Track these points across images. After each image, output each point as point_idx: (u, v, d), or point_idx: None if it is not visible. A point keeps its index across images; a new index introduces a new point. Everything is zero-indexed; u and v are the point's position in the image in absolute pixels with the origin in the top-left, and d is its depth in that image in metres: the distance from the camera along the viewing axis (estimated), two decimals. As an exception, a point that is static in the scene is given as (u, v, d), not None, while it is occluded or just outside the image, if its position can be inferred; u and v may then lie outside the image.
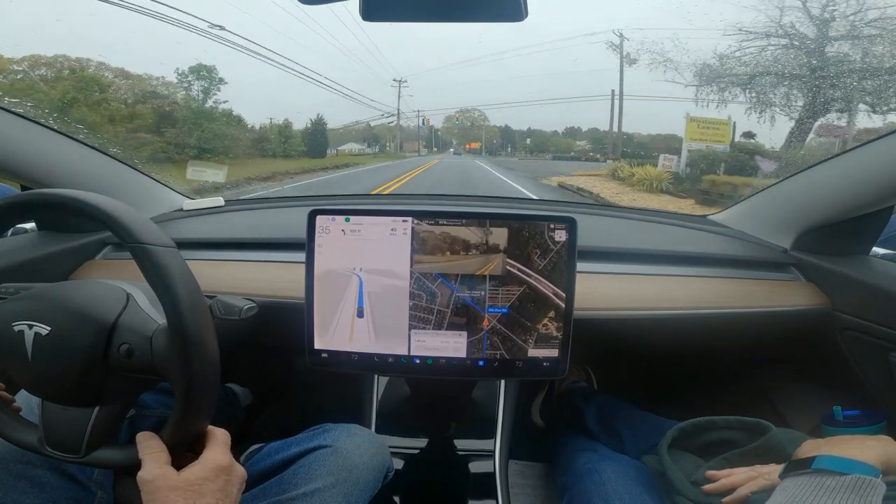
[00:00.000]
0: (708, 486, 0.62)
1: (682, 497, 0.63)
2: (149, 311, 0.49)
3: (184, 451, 0.46)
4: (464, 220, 0.72)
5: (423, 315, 0.74)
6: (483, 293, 0.73)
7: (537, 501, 1.00)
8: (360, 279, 0.74)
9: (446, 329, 0.74)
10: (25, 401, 0.57)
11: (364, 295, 0.74)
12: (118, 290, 0.50)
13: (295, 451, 0.63)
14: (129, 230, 0.43)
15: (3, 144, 0.77)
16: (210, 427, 0.48)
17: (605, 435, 0.90)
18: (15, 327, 0.45)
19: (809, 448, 0.51)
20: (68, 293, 0.47)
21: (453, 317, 0.74)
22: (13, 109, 0.78)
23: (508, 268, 0.73)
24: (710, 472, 0.64)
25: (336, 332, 0.75)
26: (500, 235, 0.72)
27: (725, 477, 0.62)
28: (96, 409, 0.47)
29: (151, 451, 0.43)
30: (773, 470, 0.58)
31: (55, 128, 0.85)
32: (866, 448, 0.49)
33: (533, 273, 0.73)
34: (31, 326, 0.44)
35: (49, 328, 0.44)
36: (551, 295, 0.73)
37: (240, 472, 0.46)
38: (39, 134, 0.83)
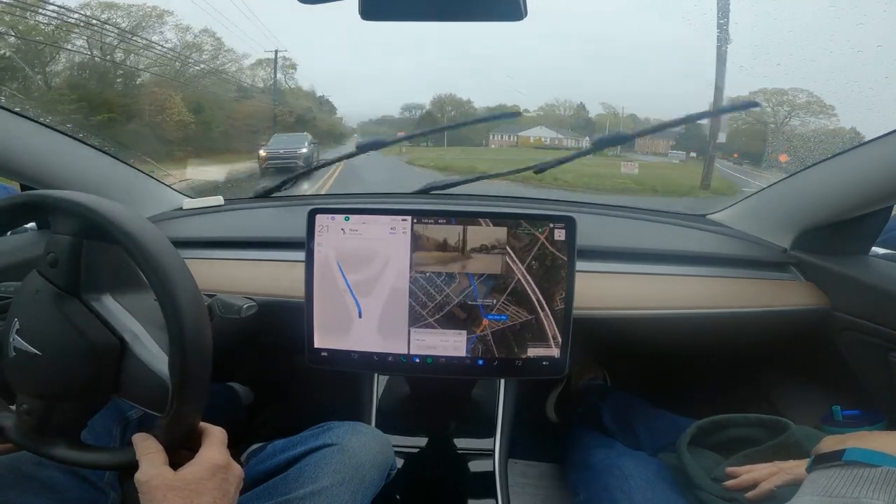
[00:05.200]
0: (730, 482, 0.62)
1: (705, 493, 0.64)
2: None
3: (180, 450, 0.46)
4: (463, 219, 0.72)
5: (422, 314, 0.74)
6: (483, 293, 0.73)
7: (538, 500, 1.00)
8: (360, 278, 0.74)
9: (446, 328, 0.74)
10: None
11: (363, 294, 0.74)
12: None
13: (300, 449, 0.63)
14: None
15: (4, 144, 0.77)
16: (206, 425, 0.47)
17: (621, 432, 0.91)
18: (12, 352, 0.46)
19: (833, 443, 0.51)
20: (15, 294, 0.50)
21: (453, 316, 0.74)
22: (13, 109, 0.78)
23: (507, 267, 0.73)
24: (731, 469, 0.64)
25: (336, 331, 0.75)
26: (499, 234, 0.72)
27: (746, 472, 0.62)
28: (129, 346, 0.46)
29: (147, 452, 0.43)
30: (795, 465, 0.59)
31: (55, 127, 0.85)
32: (893, 441, 0.49)
33: (532, 272, 0.73)
34: (13, 337, 0.46)
35: (16, 318, 0.46)
36: (551, 294, 0.73)
37: (237, 470, 0.46)
38: (39, 133, 0.83)
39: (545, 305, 0.74)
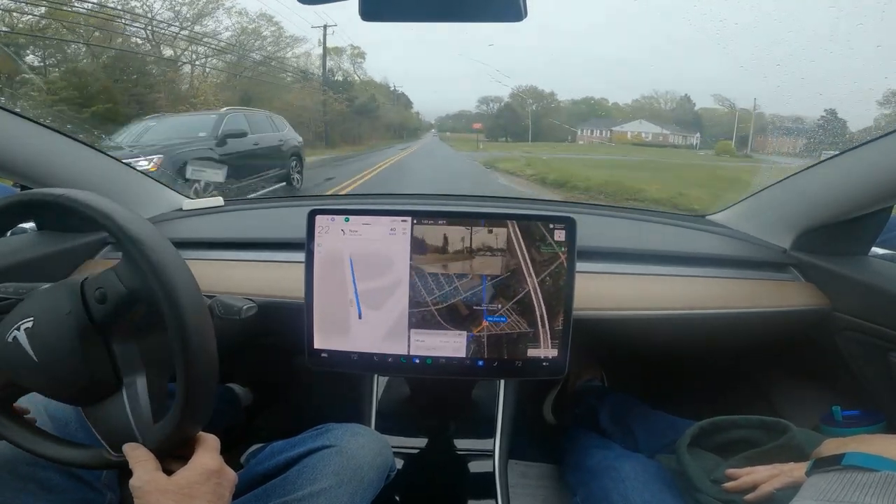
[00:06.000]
0: (730, 484, 0.62)
1: (704, 495, 0.63)
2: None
3: (173, 456, 0.46)
4: (463, 220, 0.72)
5: (422, 315, 0.74)
6: (483, 294, 0.73)
7: (537, 501, 1.00)
8: (360, 279, 0.74)
9: (446, 329, 0.74)
10: (34, 410, 0.57)
11: (363, 295, 0.74)
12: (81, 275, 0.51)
13: (299, 450, 0.63)
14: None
15: (3, 144, 0.77)
16: (199, 433, 0.48)
17: (619, 433, 0.90)
18: (9, 338, 0.45)
19: (833, 446, 0.51)
20: (39, 289, 0.49)
21: (453, 317, 0.74)
22: (13, 109, 0.78)
23: (507, 268, 0.73)
24: (731, 471, 0.64)
25: (336, 332, 0.75)
26: (499, 235, 0.72)
27: (747, 474, 0.61)
28: (123, 391, 0.47)
29: (139, 460, 0.44)
30: (795, 468, 0.58)
31: (55, 127, 0.85)
32: (894, 445, 0.48)
33: (532, 273, 0.73)
34: (19, 328, 0.45)
35: (32, 318, 0.45)
36: (550, 295, 0.73)
37: (231, 475, 0.46)
38: (39, 134, 0.83)
39: (546, 322, 0.74)
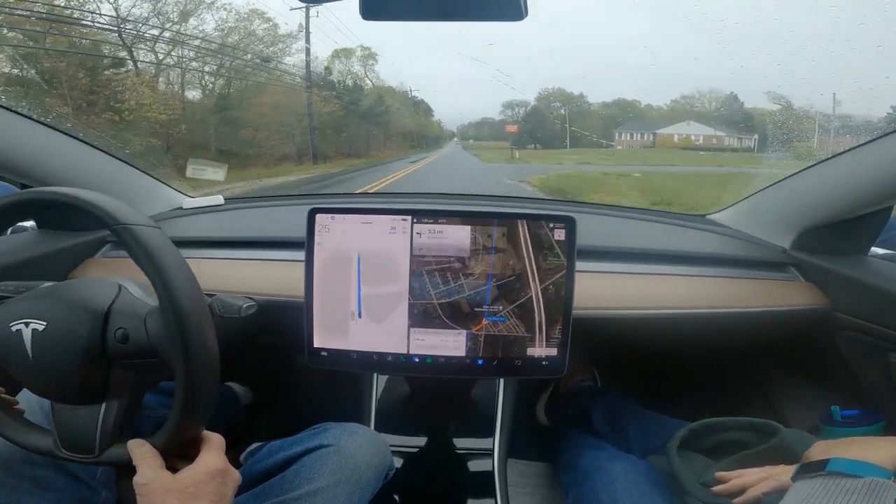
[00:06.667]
0: (719, 487, 0.62)
1: (692, 498, 0.63)
2: (141, 297, 0.50)
3: (178, 455, 0.46)
4: (463, 220, 0.72)
5: (422, 314, 0.74)
6: (482, 293, 0.73)
7: (536, 500, 1.00)
8: (360, 278, 0.74)
9: (445, 328, 0.74)
10: (27, 403, 0.57)
11: (363, 293, 0.74)
12: (110, 282, 0.51)
13: (297, 450, 0.63)
14: (131, 230, 0.43)
15: (3, 143, 0.77)
16: (205, 432, 0.48)
17: (612, 434, 0.91)
18: (13, 327, 0.45)
19: (821, 450, 0.51)
20: (61, 290, 0.48)
21: (452, 316, 0.74)
22: (13, 108, 0.78)
23: (507, 267, 0.73)
24: (720, 473, 0.63)
25: (335, 331, 0.75)
26: (499, 235, 0.72)
27: (736, 478, 0.61)
28: (103, 405, 0.47)
29: (144, 457, 0.44)
30: (784, 471, 0.58)
31: (55, 126, 0.85)
32: (879, 449, 0.48)
33: (532, 272, 0.73)
34: (27, 324, 0.45)
35: (45, 323, 0.45)
36: (550, 294, 0.73)
37: (235, 475, 0.47)
38: (39, 132, 0.83)
39: (544, 328, 0.74)
